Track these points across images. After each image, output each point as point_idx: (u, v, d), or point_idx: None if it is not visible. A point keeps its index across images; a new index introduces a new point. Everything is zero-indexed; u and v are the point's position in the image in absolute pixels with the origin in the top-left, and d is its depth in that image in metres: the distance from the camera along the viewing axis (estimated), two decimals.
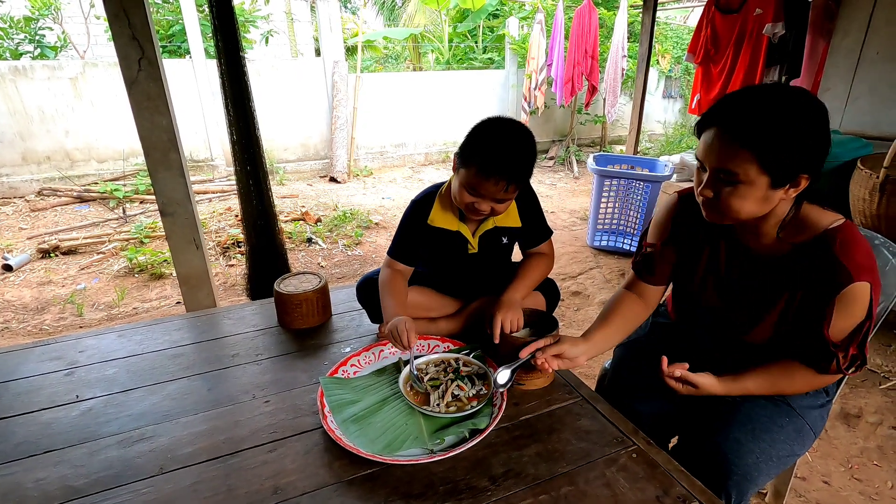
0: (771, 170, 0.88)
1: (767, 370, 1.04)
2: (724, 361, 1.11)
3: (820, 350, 0.98)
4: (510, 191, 1.16)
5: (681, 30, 8.79)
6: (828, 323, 0.94)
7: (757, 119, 0.86)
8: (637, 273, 1.24)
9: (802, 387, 1.05)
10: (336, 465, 0.96)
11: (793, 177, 0.89)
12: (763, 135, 0.86)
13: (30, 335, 2.84)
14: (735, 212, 0.94)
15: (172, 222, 2.13)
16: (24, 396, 1.18)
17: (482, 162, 1.14)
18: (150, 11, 1.85)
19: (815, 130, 0.87)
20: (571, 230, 4.54)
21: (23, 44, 5.95)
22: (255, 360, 1.31)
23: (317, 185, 6.18)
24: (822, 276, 0.94)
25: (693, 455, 1.05)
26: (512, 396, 1.13)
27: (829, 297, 0.93)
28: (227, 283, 3.47)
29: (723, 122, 0.90)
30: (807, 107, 0.87)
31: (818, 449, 1.90)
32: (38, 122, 5.32)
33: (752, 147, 0.86)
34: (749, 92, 0.91)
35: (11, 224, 4.65)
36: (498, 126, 1.18)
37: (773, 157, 0.86)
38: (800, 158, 0.87)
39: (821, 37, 3.37)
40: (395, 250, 1.37)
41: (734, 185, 0.91)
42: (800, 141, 0.86)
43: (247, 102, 2.56)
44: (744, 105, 0.89)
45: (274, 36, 6.96)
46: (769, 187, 0.90)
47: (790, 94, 0.88)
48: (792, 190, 0.91)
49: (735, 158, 0.88)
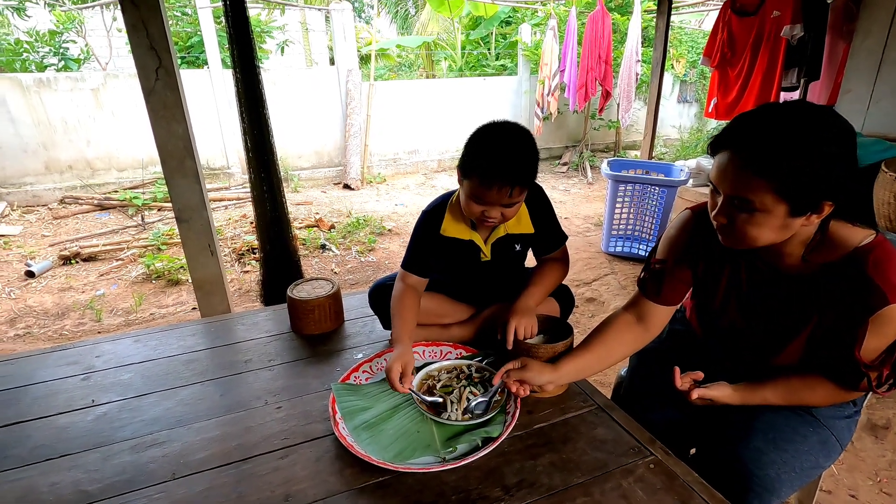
0: (789, 198, 0.81)
1: (787, 381, 1.01)
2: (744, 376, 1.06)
3: (850, 370, 0.93)
4: (515, 194, 1.15)
5: (696, 34, 8.71)
6: (859, 346, 0.89)
7: (772, 145, 0.80)
8: (642, 290, 1.15)
9: (825, 399, 1.01)
10: (347, 473, 0.95)
11: (814, 205, 0.83)
12: (779, 162, 0.79)
13: (50, 340, 2.89)
14: (752, 240, 0.88)
15: (188, 228, 2.16)
16: (42, 400, 1.19)
17: (482, 172, 1.12)
18: (167, 22, 1.89)
19: (837, 156, 0.79)
20: (586, 236, 4.50)
21: (48, 56, 6.14)
22: (267, 366, 1.31)
23: (331, 192, 6.23)
24: (854, 297, 0.88)
25: (712, 465, 1.02)
26: (525, 404, 1.11)
27: (861, 320, 0.87)
28: (242, 289, 3.50)
29: (736, 145, 0.84)
30: (828, 130, 0.80)
31: (844, 461, 1.83)
32: (60, 133, 5.47)
33: (768, 175, 0.80)
34: (764, 112, 0.84)
35: (35, 231, 4.77)
36: (492, 133, 1.15)
37: (791, 185, 0.80)
38: (821, 186, 0.80)
39: (840, 38, 3.31)
40: (409, 262, 1.35)
41: (750, 213, 0.85)
42: (820, 168, 0.79)
43: (261, 110, 2.59)
44: (758, 128, 0.82)
45: (289, 46, 7.06)
46: (787, 215, 0.84)
47: (810, 115, 0.81)
48: (815, 216, 0.85)
49: (749, 185, 0.82)
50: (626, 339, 1.14)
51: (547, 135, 7.61)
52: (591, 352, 1.11)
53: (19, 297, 3.44)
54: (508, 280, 1.40)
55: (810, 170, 0.79)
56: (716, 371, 1.10)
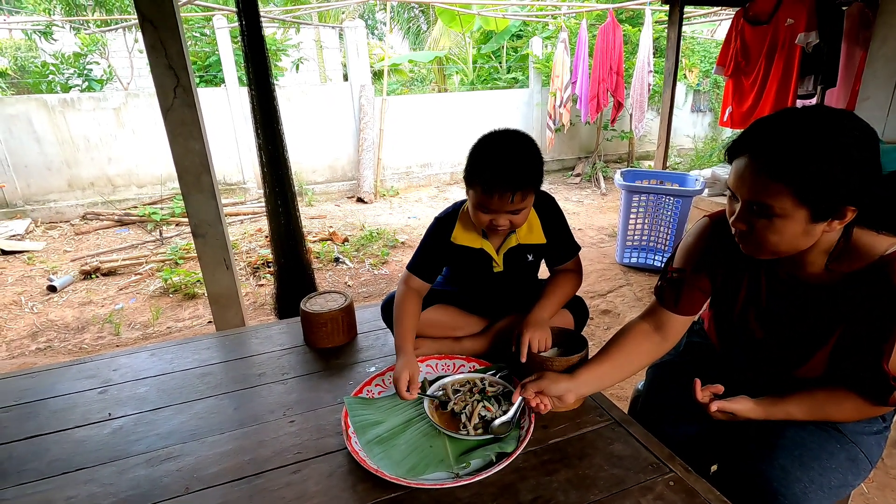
0: (809, 203, 0.79)
1: (812, 395, 0.97)
2: (766, 389, 1.03)
3: (878, 383, 0.89)
4: (518, 200, 1.14)
5: (708, 43, 8.68)
6: (888, 358, 0.85)
7: (791, 148, 0.78)
8: (659, 299, 1.12)
9: (852, 415, 0.97)
10: (360, 489, 0.94)
11: (835, 210, 0.80)
12: (798, 166, 0.77)
13: (70, 354, 2.94)
14: (772, 246, 0.86)
15: (204, 243, 2.19)
16: (60, 414, 1.21)
17: (483, 181, 1.13)
18: (185, 42, 1.94)
19: (859, 159, 0.77)
20: (600, 247, 4.46)
21: (72, 78, 6.35)
22: (280, 380, 1.32)
23: (344, 206, 6.28)
24: (880, 307, 0.85)
25: (735, 483, 0.98)
26: (540, 419, 1.10)
27: (889, 331, 0.84)
28: (257, 303, 3.53)
29: (754, 150, 0.82)
30: (849, 133, 0.77)
31: (874, 479, 1.76)
32: (83, 151, 5.63)
33: (787, 180, 0.78)
34: (783, 117, 0.82)
35: (57, 247, 4.89)
36: (491, 141, 1.17)
37: (811, 190, 0.78)
38: (842, 190, 0.78)
39: (857, 45, 3.26)
40: (415, 265, 1.36)
41: (769, 219, 0.83)
42: (840, 172, 0.77)
43: (275, 126, 2.63)
44: (777, 132, 0.80)
45: (304, 63, 7.21)
46: (808, 221, 0.81)
47: (829, 118, 0.79)
48: (837, 222, 0.83)
49: (768, 191, 0.80)
50: (643, 348, 1.11)
51: (559, 146, 7.62)
52: (608, 361, 1.08)
53: (41, 311, 3.52)
54: (521, 291, 1.38)
55: (830, 173, 0.77)
56: (736, 384, 1.07)
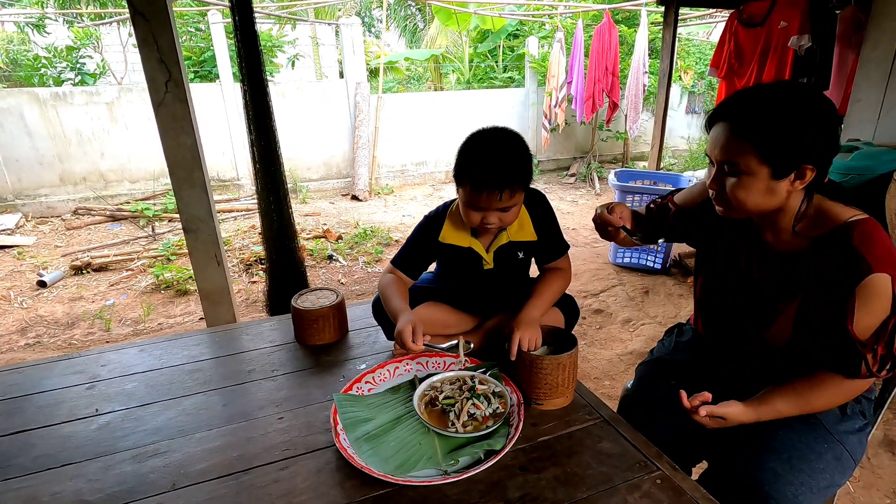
0: (770, 160, 0.90)
1: (793, 385, 0.99)
2: (746, 370, 1.07)
3: (846, 350, 0.93)
4: (506, 197, 1.15)
5: (703, 45, 8.72)
6: (851, 319, 0.90)
7: (755, 113, 0.90)
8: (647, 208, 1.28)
9: (834, 397, 0.98)
10: (348, 485, 0.93)
11: (794, 167, 0.90)
12: (760, 126, 0.89)
13: (59, 349, 2.92)
14: (741, 203, 0.95)
15: (195, 239, 2.18)
16: (46, 409, 1.20)
17: (472, 178, 1.14)
18: (177, 36, 1.93)
19: (813, 122, 0.88)
20: (593, 247, 4.47)
21: (65, 71, 6.29)
22: (270, 376, 1.31)
23: (339, 203, 6.27)
24: (840, 267, 0.91)
25: (724, 484, 0.99)
26: (529, 417, 1.10)
27: (849, 291, 0.90)
28: (249, 300, 3.52)
29: (725, 116, 0.94)
30: (806, 101, 0.89)
31: (860, 479, 1.78)
32: (75, 145, 5.58)
33: (750, 138, 0.90)
34: (754, 88, 0.94)
35: (48, 242, 4.85)
36: (479, 139, 1.18)
37: (770, 147, 0.89)
38: (798, 149, 0.89)
39: (849, 48, 3.29)
40: (400, 260, 1.37)
41: (737, 177, 0.94)
42: (796, 132, 0.88)
43: (268, 122, 2.62)
44: (745, 101, 0.92)
45: (300, 60, 7.18)
46: (771, 178, 0.92)
47: (792, 90, 0.92)
48: (798, 182, 0.92)
49: (735, 150, 0.92)
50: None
51: (554, 146, 7.63)
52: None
53: (31, 306, 3.49)
54: (512, 289, 1.39)
55: (787, 133, 0.88)
56: (723, 376, 1.10)
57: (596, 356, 2.69)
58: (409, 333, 1.13)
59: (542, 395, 1.12)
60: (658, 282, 3.61)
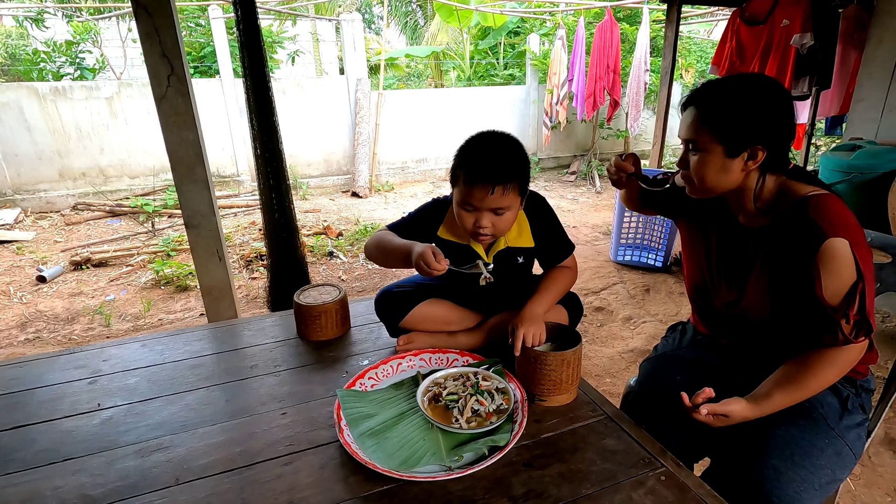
0: (723, 138, 0.98)
1: (786, 373, 1.00)
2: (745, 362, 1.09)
3: (821, 319, 0.96)
4: (498, 194, 1.13)
5: (705, 44, 8.70)
6: (819, 286, 0.94)
7: (714, 97, 1.00)
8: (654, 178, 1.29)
9: (826, 373, 0.98)
10: (352, 481, 0.93)
11: (744, 146, 0.98)
12: (716, 108, 0.99)
13: (59, 345, 2.91)
14: (699, 179, 1.04)
15: (197, 234, 2.17)
16: (48, 404, 1.19)
17: (465, 171, 1.15)
18: (179, 31, 1.92)
19: (764, 107, 0.96)
20: (594, 245, 4.47)
21: (64, 66, 6.26)
22: (273, 372, 1.31)
23: (339, 200, 6.26)
24: (798, 237, 0.97)
25: (727, 481, 0.99)
26: (533, 413, 1.10)
27: (809, 258, 0.95)
28: (250, 296, 3.51)
29: (693, 101, 1.03)
30: (761, 89, 0.98)
31: (861, 477, 1.79)
32: (75, 140, 5.56)
33: (707, 119, 0.99)
34: (721, 79, 1.04)
35: (47, 237, 4.83)
36: (478, 138, 1.20)
37: (723, 126, 0.98)
38: (747, 130, 0.96)
39: (852, 47, 3.28)
40: (395, 227, 1.34)
41: (697, 154, 1.02)
42: (746, 114, 0.96)
43: (270, 119, 2.61)
44: (712, 87, 1.02)
45: (300, 56, 7.16)
46: (724, 155, 1.00)
47: (753, 79, 1.01)
48: (751, 162, 1.00)
49: (696, 129, 1.01)
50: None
51: (555, 144, 7.62)
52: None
53: (30, 301, 3.48)
54: (514, 289, 1.38)
55: (738, 114, 0.97)
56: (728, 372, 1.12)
57: (597, 354, 2.69)
58: (430, 255, 1.10)
59: (545, 391, 1.12)
60: (659, 280, 3.61)
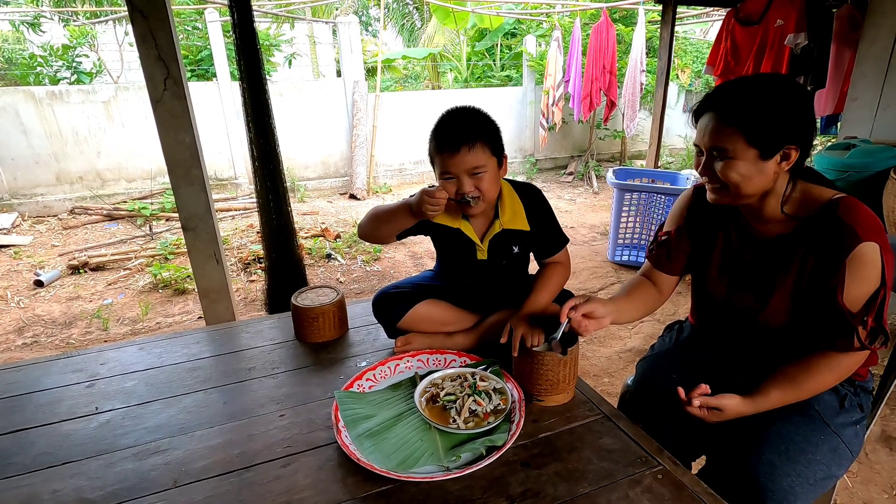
0: (757, 142, 0.94)
1: (785, 372, 1.00)
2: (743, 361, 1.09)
3: (837, 324, 0.95)
4: (464, 154, 1.17)
5: (700, 44, 8.73)
6: (841, 290, 0.93)
7: (741, 100, 0.96)
8: (651, 262, 1.26)
9: (826, 377, 0.99)
10: (350, 482, 0.93)
11: (778, 147, 0.95)
12: (746, 112, 0.94)
13: (57, 349, 2.91)
14: (735, 186, 0.99)
15: (194, 237, 2.17)
16: (46, 408, 1.19)
17: (434, 144, 1.22)
18: (175, 33, 1.92)
19: (793, 105, 0.95)
20: (591, 245, 4.48)
21: (61, 70, 6.26)
22: (271, 374, 1.31)
23: (336, 202, 6.26)
24: (829, 240, 0.95)
25: (723, 477, 1.00)
26: (530, 413, 1.10)
27: (838, 262, 0.93)
28: (248, 299, 3.51)
29: (712, 106, 0.99)
30: (785, 87, 0.96)
31: (858, 474, 1.79)
32: (72, 144, 5.55)
33: (738, 123, 0.95)
34: (737, 80, 1.00)
35: (44, 241, 4.82)
36: (442, 114, 1.27)
37: (757, 129, 0.94)
38: (782, 130, 0.94)
39: (846, 46, 3.30)
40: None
41: (727, 161, 0.98)
42: (779, 115, 0.93)
43: (267, 121, 2.62)
44: (730, 91, 0.98)
45: (297, 58, 7.16)
46: (759, 159, 0.96)
47: (771, 78, 0.99)
48: (784, 163, 0.97)
49: (724, 136, 0.96)
50: (652, 295, 1.25)
51: (552, 145, 7.63)
52: (631, 300, 1.21)
53: (28, 306, 3.47)
54: (511, 285, 1.39)
55: (771, 115, 0.93)
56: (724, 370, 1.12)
57: (595, 354, 2.70)
58: (428, 192, 1.17)
59: (543, 391, 1.12)
60: None
